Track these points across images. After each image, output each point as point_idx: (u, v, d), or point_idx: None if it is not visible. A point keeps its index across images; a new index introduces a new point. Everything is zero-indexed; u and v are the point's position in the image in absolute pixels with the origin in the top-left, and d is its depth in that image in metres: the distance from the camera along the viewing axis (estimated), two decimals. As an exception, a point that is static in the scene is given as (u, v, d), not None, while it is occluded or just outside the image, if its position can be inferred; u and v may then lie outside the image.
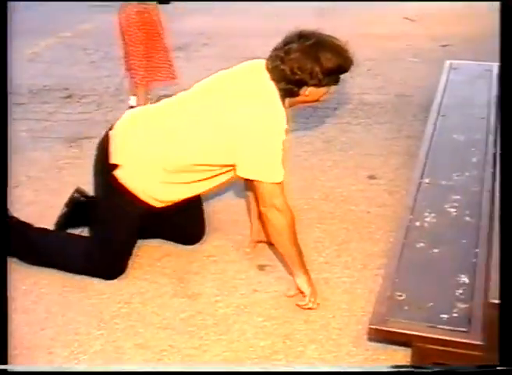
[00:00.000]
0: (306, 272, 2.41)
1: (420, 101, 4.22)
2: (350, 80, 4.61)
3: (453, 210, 2.55)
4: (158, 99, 3.18)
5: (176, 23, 6.52)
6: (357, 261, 2.70)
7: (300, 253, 2.39)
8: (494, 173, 2.72)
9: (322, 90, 2.36)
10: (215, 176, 2.48)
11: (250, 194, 2.71)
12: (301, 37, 2.31)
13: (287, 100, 2.37)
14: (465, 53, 4.69)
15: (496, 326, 1.95)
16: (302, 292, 2.41)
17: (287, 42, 2.32)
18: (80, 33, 6.53)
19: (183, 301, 2.48)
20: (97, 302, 2.49)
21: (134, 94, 4.34)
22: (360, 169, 3.45)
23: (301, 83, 2.31)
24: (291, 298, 2.46)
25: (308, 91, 2.34)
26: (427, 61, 4.94)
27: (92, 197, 2.81)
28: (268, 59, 2.36)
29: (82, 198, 2.90)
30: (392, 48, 5.55)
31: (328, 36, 2.36)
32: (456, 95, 3.66)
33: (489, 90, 3.68)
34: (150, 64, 4.19)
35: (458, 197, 2.63)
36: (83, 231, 2.85)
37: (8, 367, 1.71)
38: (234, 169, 2.39)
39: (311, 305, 2.40)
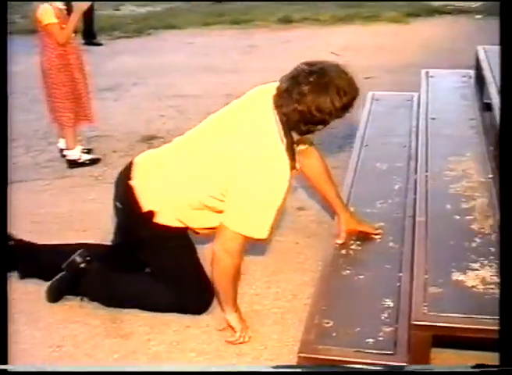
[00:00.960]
0: (237, 309, 2.45)
1: (344, 133, 4.33)
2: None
3: (376, 237, 2.63)
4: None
5: (106, 63, 6.56)
6: (287, 291, 2.74)
7: (235, 293, 2.43)
8: (415, 199, 2.82)
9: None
10: None
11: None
12: (311, 73, 2.23)
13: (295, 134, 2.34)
14: (387, 84, 4.87)
15: (421, 347, 2.03)
16: (232, 328, 2.45)
17: (298, 82, 2.23)
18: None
19: (115, 341, 2.47)
20: (28, 347, 2.45)
21: (63, 137, 4.32)
22: (290, 202, 3.50)
23: (321, 122, 2.28)
24: (223, 332, 2.48)
25: (314, 129, 2.32)
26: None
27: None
28: (280, 101, 2.27)
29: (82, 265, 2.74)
30: (318, 82, 5.69)
31: (335, 66, 2.29)
32: (379, 125, 3.78)
33: (410, 119, 3.81)
34: (75, 106, 4.19)
35: (382, 224, 2.71)
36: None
37: (8, 367, 1.73)
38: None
39: (241, 340, 2.43)
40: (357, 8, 8.28)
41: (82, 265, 2.68)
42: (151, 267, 2.69)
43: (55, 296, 2.71)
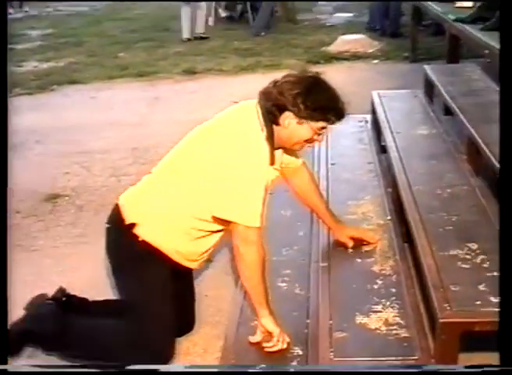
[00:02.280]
0: (271, 312, 2.32)
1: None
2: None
3: (283, 285, 2.66)
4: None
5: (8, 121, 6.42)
6: (198, 346, 2.72)
7: (266, 292, 2.33)
8: (318, 244, 2.88)
9: (303, 128, 2.31)
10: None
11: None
12: (305, 72, 2.37)
13: (276, 138, 2.32)
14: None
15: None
16: (270, 333, 2.31)
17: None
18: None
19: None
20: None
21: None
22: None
23: (281, 107, 2.27)
24: None
25: (287, 122, 2.29)
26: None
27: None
28: (262, 94, 2.36)
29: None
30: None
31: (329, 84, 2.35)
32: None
33: (311, 165, 3.90)
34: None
35: (288, 271, 2.76)
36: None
37: (8, 367, 1.76)
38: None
39: (280, 346, 2.29)
40: (258, 58, 8.47)
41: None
42: (120, 295, 2.59)
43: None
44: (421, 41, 7.94)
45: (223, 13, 11.50)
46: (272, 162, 2.35)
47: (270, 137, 2.32)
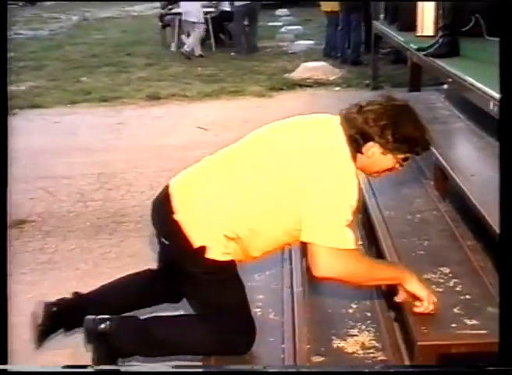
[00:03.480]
0: (411, 273, 2.22)
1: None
2: (150, 194, 4.75)
3: (257, 310, 2.67)
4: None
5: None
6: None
7: (387, 264, 2.29)
8: (291, 269, 2.90)
9: (387, 158, 2.22)
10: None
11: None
12: (391, 99, 2.24)
13: (357, 161, 2.21)
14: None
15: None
16: (417, 297, 2.22)
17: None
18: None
19: None
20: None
21: None
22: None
23: (368, 137, 2.17)
24: None
25: (371, 152, 2.19)
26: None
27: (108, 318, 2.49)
28: (345, 109, 2.25)
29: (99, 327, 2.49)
30: (188, 156, 5.76)
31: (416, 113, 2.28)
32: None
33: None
34: None
35: (262, 296, 2.76)
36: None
37: (8, 367, 1.74)
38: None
39: (431, 308, 2.21)
40: (223, 84, 8.54)
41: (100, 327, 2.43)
42: (194, 304, 2.47)
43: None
44: (381, 68, 8.11)
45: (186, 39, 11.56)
46: None
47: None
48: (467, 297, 2.34)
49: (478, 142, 3.67)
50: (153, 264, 2.78)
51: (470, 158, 3.48)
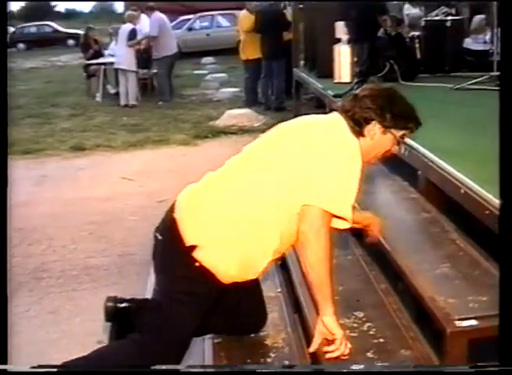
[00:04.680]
0: (335, 312, 2.24)
1: (142, 259, 4.37)
2: (72, 248, 4.70)
3: (178, 363, 2.65)
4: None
5: None
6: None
7: (332, 288, 2.23)
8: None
9: (386, 138, 2.37)
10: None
11: None
12: (379, 85, 2.53)
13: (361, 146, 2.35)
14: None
15: None
16: (331, 334, 2.23)
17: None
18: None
19: None
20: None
21: None
22: (89, 336, 3.43)
23: (369, 119, 2.34)
24: None
25: (373, 133, 2.35)
26: (146, 218, 5.17)
27: (129, 299, 2.65)
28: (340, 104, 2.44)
29: (119, 305, 2.64)
30: (112, 208, 5.73)
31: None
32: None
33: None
34: None
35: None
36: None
37: (8, 367, 1.75)
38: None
39: (342, 350, 2.22)
40: (147, 133, 8.56)
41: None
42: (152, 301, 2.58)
43: None
44: (303, 114, 8.26)
45: (112, 89, 11.57)
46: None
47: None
48: (381, 340, 2.39)
49: (391, 185, 3.79)
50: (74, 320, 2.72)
51: (383, 202, 3.58)
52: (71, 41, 27.07)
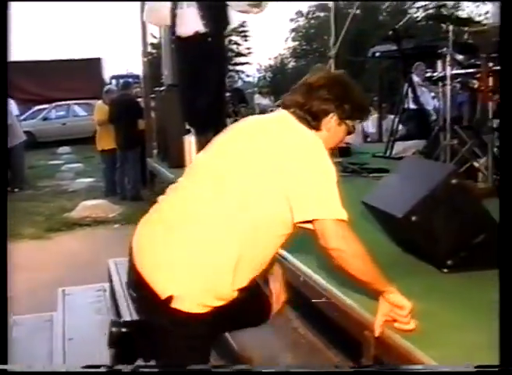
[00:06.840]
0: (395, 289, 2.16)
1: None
2: None
3: None
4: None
5: None
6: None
7: (378, 269, 2.11)
8: None
9: (341, 129, 2.26)
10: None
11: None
12: (329, 71, 2.39)
13: None
14: (30, 308, 4.81)
15: None
16: (399, 307, 2.13)
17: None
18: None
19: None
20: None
21: None
22: None
23: (326, 112, 2.22)
24: None
25: (330, 125, 2.23)
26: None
27: (133, 322, 2.49)
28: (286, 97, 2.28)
29: (123, 329, 2.38)
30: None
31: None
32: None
33: (51, 341, 3.80)
34: None
35: None
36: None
37: (8, 367, 1.74)
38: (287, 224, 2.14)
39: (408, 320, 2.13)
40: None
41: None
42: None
43: None
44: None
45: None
46: None
47: None
48: None
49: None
50: None
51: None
52: None
